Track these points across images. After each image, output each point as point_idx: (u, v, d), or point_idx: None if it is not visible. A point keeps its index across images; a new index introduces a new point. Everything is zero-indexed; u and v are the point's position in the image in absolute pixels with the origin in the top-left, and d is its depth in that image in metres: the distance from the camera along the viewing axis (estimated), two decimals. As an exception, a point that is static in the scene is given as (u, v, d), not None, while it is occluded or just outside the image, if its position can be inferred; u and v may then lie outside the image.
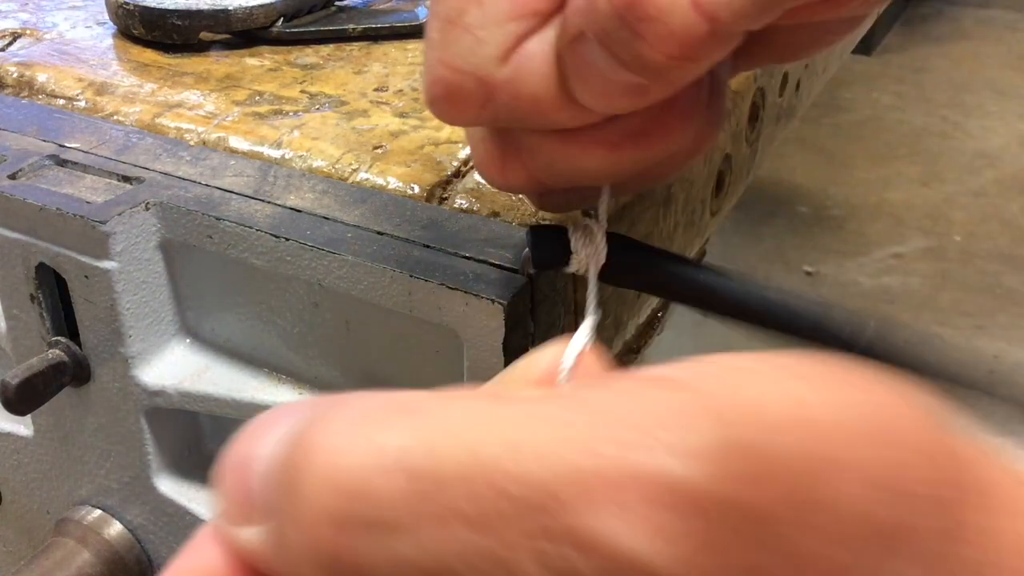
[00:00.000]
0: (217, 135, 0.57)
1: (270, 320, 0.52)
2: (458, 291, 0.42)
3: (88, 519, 0.60)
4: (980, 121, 2.81)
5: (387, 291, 0.45)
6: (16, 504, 0.66)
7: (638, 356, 0.64)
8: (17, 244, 0.53)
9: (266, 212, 0.49)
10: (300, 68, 0.66)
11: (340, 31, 0.69)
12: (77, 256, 0.51)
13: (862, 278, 2.08)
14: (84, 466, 0.60)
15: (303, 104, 0.60)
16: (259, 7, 0.67)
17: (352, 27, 0.69)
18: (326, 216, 0.49)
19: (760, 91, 0.74)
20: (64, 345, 0.54)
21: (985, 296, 2.02)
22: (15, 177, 0.53)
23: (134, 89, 0.63)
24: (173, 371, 0.54)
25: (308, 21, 0.70)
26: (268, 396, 0.52)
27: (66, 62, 0.66)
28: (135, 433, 0.56)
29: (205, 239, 0.49)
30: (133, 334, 0.52)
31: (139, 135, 0.58)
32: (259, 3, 0.67)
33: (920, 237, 2.24)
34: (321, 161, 0.54)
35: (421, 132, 0.56)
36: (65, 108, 0.62)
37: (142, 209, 0.50)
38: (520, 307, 0.43)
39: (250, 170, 0.53)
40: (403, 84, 0.63)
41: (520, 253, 0.44)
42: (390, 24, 0.70)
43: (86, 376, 0.55)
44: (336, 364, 0.51)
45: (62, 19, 0.74)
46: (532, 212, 0.49)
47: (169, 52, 0.67)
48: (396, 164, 0.53)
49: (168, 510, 0.58)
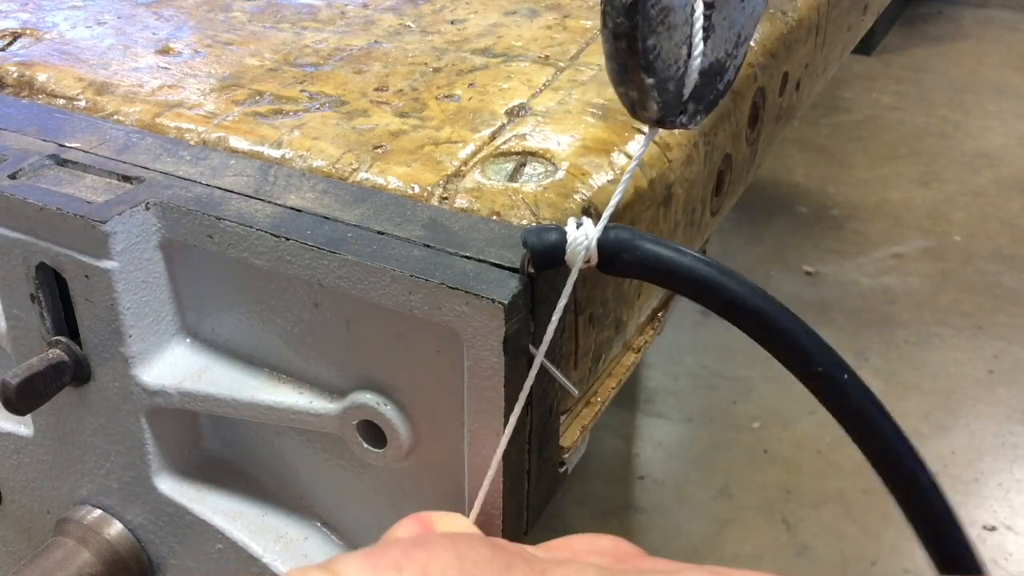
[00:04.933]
0: (217, 135, 0.57)
1: (270, 320, 0.52)
2: (458, 291, 0.42)
3: (88, 519, 0.60)
4: (980, 121, 2.81)
5: (387, 291, 0.45)
6: (16, 504, 0.66)
7: (638, 355, 0.64)
8: (17, 244, 0.53)
9: (266, 212, 0.49)
10: (300, 68, 0.66)
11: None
12: (77, 256, 0.51)
13: (862, 278, 2.08)
14: (84, 466, 0.60)
15: (303, 104, 0.60)
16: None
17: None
18: (326, 216, 0.49)
19: (760, 91, 0.74)
20: (64, 345, 0.54)
21: (985, 296, 2.02)
22: (15, 177, 0.53)
23: (134, 89, 0.63)
24: (173, 371, 0.54)
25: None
26: (268, 396, 0.52)
27: (66, 62, 0.66)
28: (135, 433, 0.56)
29: (205, 239, 0.49)
30: (133, 334, 0.52)
31: (139, 135, 0.58)
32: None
33: (920, 237, 2.24)
34: (321, 161, 0.54)
35: (421, 132, 0.56)
36: (65, 108, 0.62)
37: (142, 209, 0.50)
38: (520, 307, 0.43)
39: (250, 170, 0.53)
40: (403, 84, 0.63)
41: (520, 253, 0.44)
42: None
43: (86, 376, 0.55)
44: (336, 364, 0.51)
45: (62, 19, 0.74)
46: (532, 212, 0.49)
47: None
48: (396, 164, 0.53)
49: (168, 510, 0.58)
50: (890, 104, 2.94)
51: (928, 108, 2.90)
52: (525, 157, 0.54)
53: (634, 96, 0.42)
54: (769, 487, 1.55)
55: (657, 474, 1.59)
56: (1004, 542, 1.46)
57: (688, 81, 0.42)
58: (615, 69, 0.41)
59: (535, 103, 0.60)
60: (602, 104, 0.60)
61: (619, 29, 0.40)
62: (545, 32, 0.72)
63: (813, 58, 0.90)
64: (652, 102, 0.41)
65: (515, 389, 0.44)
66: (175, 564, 0.60)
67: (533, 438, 0.47)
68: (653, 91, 0.41)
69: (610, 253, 0.41)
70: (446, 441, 0.49)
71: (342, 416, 0.50)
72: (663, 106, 0.42)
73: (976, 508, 1.51)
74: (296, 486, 0.57)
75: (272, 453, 0.57)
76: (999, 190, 2.46)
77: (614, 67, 0.41)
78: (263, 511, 0.57)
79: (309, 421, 0.52)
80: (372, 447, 0.50)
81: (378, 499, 0.54)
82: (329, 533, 0.57)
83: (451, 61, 0.67)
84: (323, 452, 0.55)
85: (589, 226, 0.42)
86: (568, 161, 0.53)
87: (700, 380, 1.77)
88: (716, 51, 0.43)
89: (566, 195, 0.51)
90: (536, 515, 0.51)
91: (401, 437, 0.49)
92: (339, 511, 0.57)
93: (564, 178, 0.52)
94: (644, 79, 0.40)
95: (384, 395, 0.49)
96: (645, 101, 0.41)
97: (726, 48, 0.43)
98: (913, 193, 2.44)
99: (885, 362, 1.81)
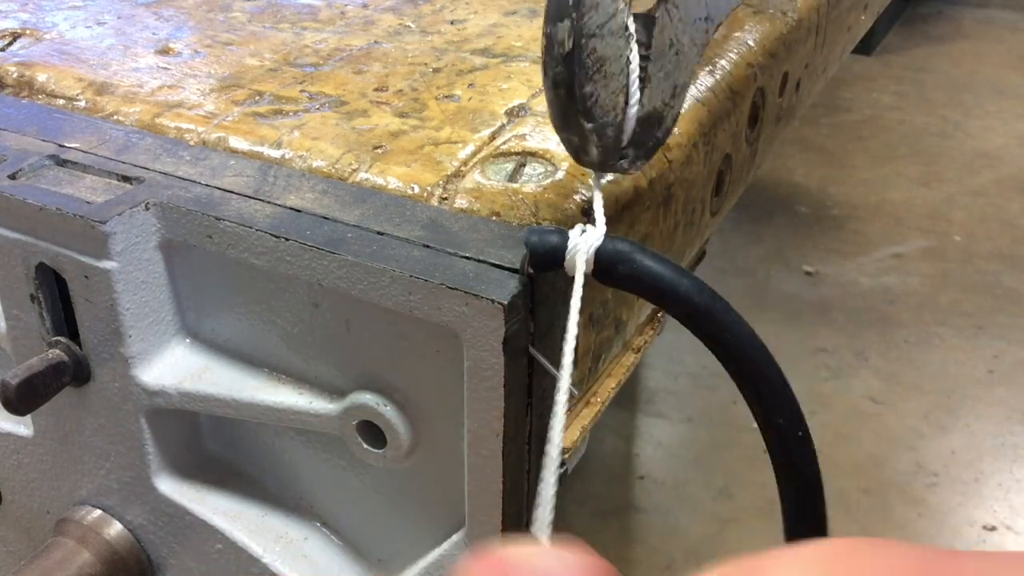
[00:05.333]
0: (217, 135, 0.57)
1: (270, 320, 0.52)
2: (458, 291, 0.42)
3: (88, 519, 0.60)
4: (980, 121, 2.81)
5: (387, 291, 0.45)
6: (16, 504, 0.66)
7: (638, 355, 0.64)
8: (17, 244, 0.52)
9: (266, 212, 0.49)
10: (300, 68, 0.65)
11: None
12: (77, 256, 0.51)
13: (862, 278, 2.08)
14: (84, 466, 0.60)
15: (303, 104, 0.60)
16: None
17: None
18: (326, 216, 0.49)
19: (760, 91, 0.74)
20: (64, 345, 0.54)
21: (985, 296, 2.02)
22: (15, 177, 0.53)
23: (134, 89, 0.63)
24: (173, 371, 0.54)
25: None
26: (268, 396, 0.52)
27: (66, 62, 0.66)
28: (135, 433, 0.56)
29: (205, 239, 0.49)
30: (133, 334, 0.52)
31: (139, 135, 0.58)
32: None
33: (920, 237, 2.24)
34: (321, 161, 0.54)
35: (421, 132, 0.56)
36: (65, 108, 0.62)
37: (142, 209, 0.50)
38: (520, 307, 0.43)
39: (250, 170, 0.53)
40: (403, 84, 0.63)
41: (520, 253, 0.44)
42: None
43: (86, 376, 0.55)
44: (336, 364, 0.51)
45: (62, 19, 0.74)
46: (532, 213, 0.49)
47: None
48: (396, 164, 0.53)
49: (168, 510, 0.58)
50: (890, 104, 2.94)
51: (928, 108, 2.90)
52: (525, 157, 0.54)
53: (576, 141, 0.44)
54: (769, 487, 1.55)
55: (657, 474, 1.59)
56: (1004, 542, 1.46)
57: (627, 128, 0.44)
58: (557, 115, 0.45)
59: (535, 103, 0.60)
60: (602, 104, 0.60)
61: (558, 78, 0.43)
62: (545, 32, 0.72)
63: (813, 58, 0.90)
64: (593, 147, 0.44)
65: (515, 389, 0.44)
66: (175, 564, 0.60)
67: (533, 438, 0.47)
68: (593, 136, 0.43)
69: (607, 263, 0.42)
70: (446, 441, 0.49)
71: (342, 416, 0.50)
72: (603, 151, 0.44)
73: (976, 508, 1.51)
74: (296, 486, 0.57)
75: (272, 453, 0.57)
76: (999, 190, 2.46)
77: (556, 114, 0.44)
78: (263, 511, 0.57)
79: (309, 421, 0.52)
80: (372, 447, 0.50)
81: (378, 499, 0.54)
82: (329, 533, 0.57)
83: (451, 61, 0.67)
84: (323, 452, 0.55)
85: (592, 233, 0.42)
86: (568, 161, 0.53)
87: (700, 380, 1.77)
88: (653, 100, 0.45)
89: (566, 195, 0.51)
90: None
91: (401, 437, 0.49)
92: (339, 511, 0.57)
93: (564, 178, 0.52)
94: (584, 124, 0.43)
95: (384, 395, 0.49)
96: (586, 146, 0.44)
97: (663, 98, 0.45)
98: (913, 193, 2.44)
99: (885, 362, 1.81)
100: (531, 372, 0.45)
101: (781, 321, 1.91)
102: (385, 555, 0.56)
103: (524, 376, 0.45)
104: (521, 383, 0.45)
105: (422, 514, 0.53)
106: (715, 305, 0.41)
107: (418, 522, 0.53)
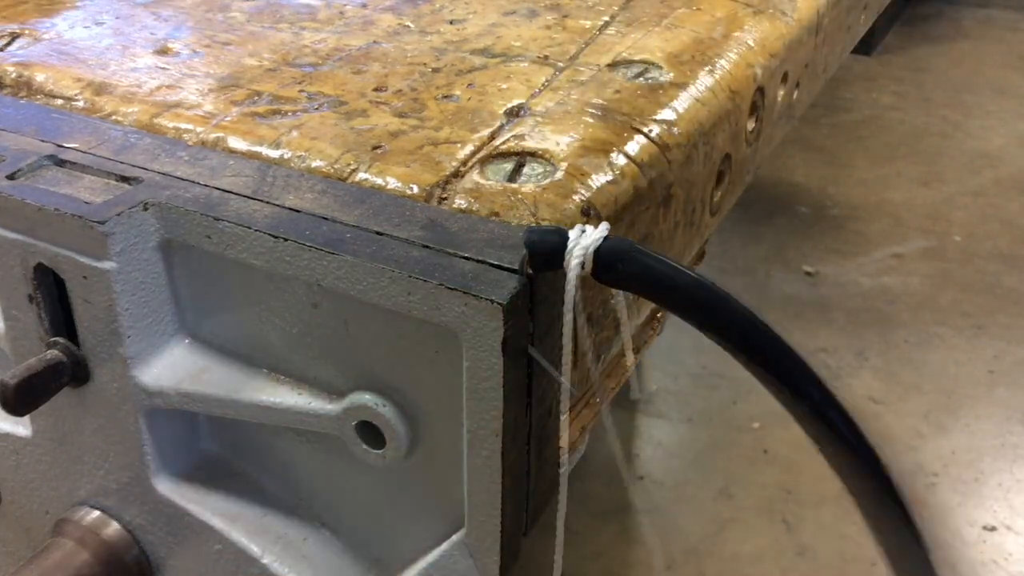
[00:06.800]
0: (216, 135, 0.57)
1: (269, 320, 0.52)
2: (458, 291, 0.42)
3: (87, 519, 0.60)
4: (980, 121, 2.81)
5: (387, 291, 0.44)
6: (15, 504, 0.66)
7: (638, 355, 0.64)
8: (16, 244, 0.52)
9: (265, 212, 0.49)
10: (299, 68, 0.65)
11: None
12: (76, 256, 0.51)
13: (862, 278, 2.08)
14: (83, 466, 0.60)
15: (302, 104, 0.60)
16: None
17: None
18: (325, 216, 0.48)
19: (760, 91, 0.74)
20: (63, 346, 0.54)
21: (985, 296, 2.02)
22: (14, 177, 0.53)
23: (132, 89, 0.63)
24: (172, 372, 0.54)
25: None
26: (267, 397, 0.52)
27: (64, 62, 0.66)
28: (134, 434, 0.56)
29: (204, 239, 0.49)
30: (132, 334, 0.52)
31: (137, 135, 0.57)
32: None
33: (920, 237, 2.24)
34: (320, 161, 0.54)
35: (420, 132, 0.56)
36: (63, 108, 0.62)
37: (141, 209, 0.50)
38: (520, 307, 0.43)
39: (249, 170, 0.53)
40: (402, 84, 0.63)
41: (519, 253, 0.44)
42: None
43: (85, 377, 0.55)
44: (335, 364, 0.51)
45: (61, 19, 0.74)
46: (531, 212, 0.49)
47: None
48: (395, 164, 0.53)
49: (167, 511, 0.58)
50: (890, 104, 2.93)
51: (928, 108, 2.90)
52: (524, 157, 0.54)
53: None
54: (769, 487, 1.54)
55: (657, 474, 1.59)
56: (1004, 542, 1.46)
57: None
58: None
59: (534, 103, 0.60)
60: (601, 104, 0.60)
61: None
62: (544, 32, 0.72)
63: (813, 58, 0.90)
64: None
65: (514, 389, 0.44)
66: (174, 565, 0.60)
67: (533, 439, 0.47)
68: None
69: (606, 262, 0.42)
70: (445, 441, 0.49)
71: (341, 417, 0.50)
72: None
73: (976, 508, 1.51)
74: (295, 487, 0.57)
75: (271, 454, 0.57)
76: (999, 190, 2.45)
77: None
78: (262, 512, 0.57)
79: (308, 422, 0.52)
80: (371, 448, 0.50)
81: (377, 499, 0.54)
82: (329, 533, 0.57)
83: (450, 61, 0.67)
84: (322, 452, 0.55)
85: (591, 233, 0.42)
86: (567, 161, 0.53)
87: (700, 380, 1.77)
88: None
89: (565, 195, 0.51)
90: (535, 516, 0.51)
91: (400, 438, 0.49)
92: (339, 511, 0.57)
93: (563, 178, 0.52)
94: None
95: (383, 396, 0.49)
96: None
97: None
98: (913, 193, 2.44)
99: (885, 362, 1.81)
100: (530, 372, 0.45)
101: (781, 321, 1.91)
102: (384, 555, 0.56)
103: (523, 376, 0.45)
104: (520, 383, 0.44)
105: (421, 514, 0.53)
106: (718, 297, 0.40)
107: (417, 522, 0.53)
